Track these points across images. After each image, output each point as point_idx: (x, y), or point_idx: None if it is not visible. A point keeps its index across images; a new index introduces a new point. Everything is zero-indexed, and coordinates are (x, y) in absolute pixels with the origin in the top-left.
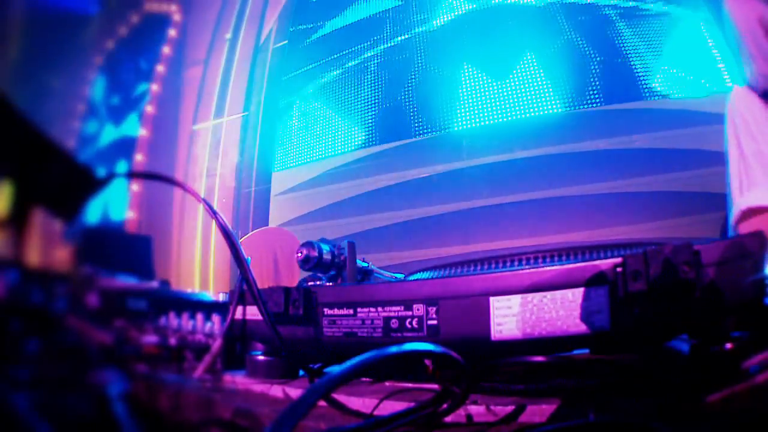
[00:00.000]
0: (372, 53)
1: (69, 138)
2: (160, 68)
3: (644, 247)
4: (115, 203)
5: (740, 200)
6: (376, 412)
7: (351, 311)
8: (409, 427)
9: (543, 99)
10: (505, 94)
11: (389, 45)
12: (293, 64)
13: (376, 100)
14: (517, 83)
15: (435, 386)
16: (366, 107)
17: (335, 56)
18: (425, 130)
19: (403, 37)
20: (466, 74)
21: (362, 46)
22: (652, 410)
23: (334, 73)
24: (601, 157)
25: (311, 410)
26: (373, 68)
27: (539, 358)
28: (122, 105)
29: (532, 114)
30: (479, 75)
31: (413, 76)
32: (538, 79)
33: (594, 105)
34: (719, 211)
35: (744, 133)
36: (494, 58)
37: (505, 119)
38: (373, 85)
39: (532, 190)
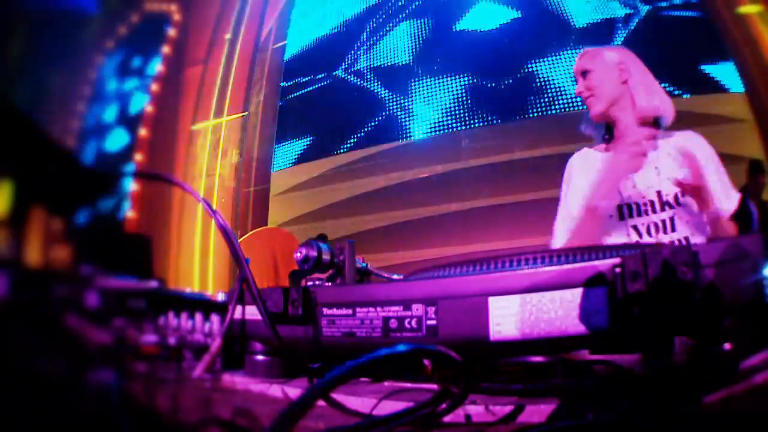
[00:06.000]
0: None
1: (69, 138)
2: (160, 68)
3: (643, 248)
4: (115, 203)
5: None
6: (374, 412)
7: (350, 311)
8: (407, 427)
9: (544, 99)
10: (506, 94)
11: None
12: (293, 64)
13: (376, 101)
14: (517, 84)
15: (434, 386)
16: (366, 108)
17: (335, 57)
18: (426, 131)
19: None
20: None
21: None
22: (651, 410)
23: (334, 73)
24: None
25: (310, 410)
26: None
27: (538, 358)
28: (122, 104)
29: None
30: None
31: (413, 78)
32: (539, 80)
33: None
34: None
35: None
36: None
37: (505, 120)
38: (372, 85)
39: (532, 190)
